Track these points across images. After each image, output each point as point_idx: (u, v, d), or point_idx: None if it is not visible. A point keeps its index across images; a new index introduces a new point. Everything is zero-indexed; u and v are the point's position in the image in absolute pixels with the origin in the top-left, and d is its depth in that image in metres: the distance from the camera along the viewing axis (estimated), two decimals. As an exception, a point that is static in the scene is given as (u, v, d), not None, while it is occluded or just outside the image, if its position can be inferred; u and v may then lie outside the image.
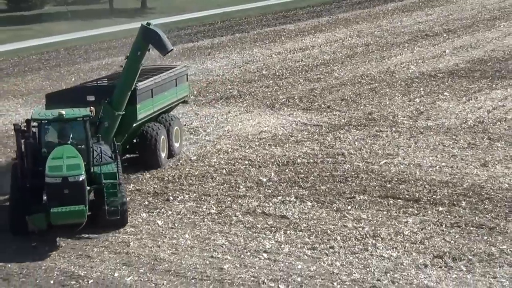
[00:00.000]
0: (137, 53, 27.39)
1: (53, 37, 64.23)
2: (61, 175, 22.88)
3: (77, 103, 26.80)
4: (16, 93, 45.49)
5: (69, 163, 23.23)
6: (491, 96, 39.89)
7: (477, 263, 21.81)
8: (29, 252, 23.17)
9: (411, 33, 58.97)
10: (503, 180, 27.99)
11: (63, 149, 23.88)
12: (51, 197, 23.02)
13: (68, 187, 22.90)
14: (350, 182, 28.51)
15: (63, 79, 47.74)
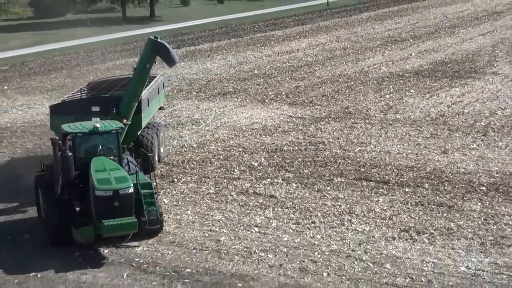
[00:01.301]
0: (146, 65, 24.73)
1: (74, 41, 64.05)
2: (112, 188, 20.38)
3: (81, 114, 25.21)
4: (42, 89, 45.40)
5: (116, 175, 20.90)
6: (451, 93, 39.94)
7: (438, 236, 21.86)
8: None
9: (382, 39, 58.97)
10: (461, 165, 28.05)
11: (102, 161, 21.67)
12: (100, 210, 20.46)
13: (118, 200, 20.41)
14: (329, 167, 28.54)
15: (82, 77, 47.61)
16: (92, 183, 20.60)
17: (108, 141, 22.41)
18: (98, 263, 20.40)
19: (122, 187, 20.48)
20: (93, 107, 26.09)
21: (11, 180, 27.62)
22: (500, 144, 30.67)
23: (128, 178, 21.05)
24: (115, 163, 21.77)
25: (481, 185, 25.90)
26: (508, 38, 56.42)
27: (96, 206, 20.57)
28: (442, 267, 19.95)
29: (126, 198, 20.55)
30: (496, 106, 36.68)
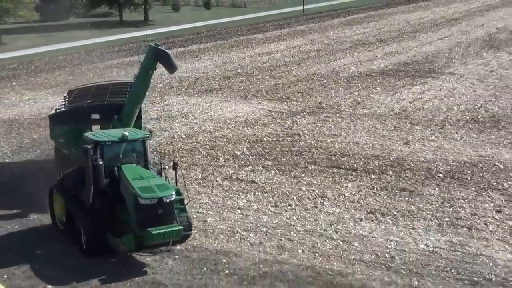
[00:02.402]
0: (147, 72, 22.70)
1: (76, 42, 63.64)
2: (156, 196, 18.44)
3: (81, 122, 23.21)
4: (47, 85, 45.12)
5: (156, 183, 19.06)
6: (412, 91, 40.05)
7: (400, 218, 21.96)
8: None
9: (351, 42, 59.04)
10: (421, 155, 28.16)
11: (135, 170, 19.78)
12: (144, 218, 18.48)
13: (162, 207, 18.55)
14: (304, 156, 28.56)
15: (83, 75, 47.36)
16: (133, 192, 18.60)
17: (135, 149, 20.39)
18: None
19: (166, 194, 18.64)
20: (93, 115, 23.67)
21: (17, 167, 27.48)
22: (456, 136, 30.81)
23: (169, 185, 19.37)
24: (149, 171, 20.01)
25: (439, 172, 26.02)
26: (463, 42, 56.64)
27: (139, 215, 18.52)
28: (404, 245, 20.05)
29: (168, 206, 18.74)
30: (452, 103, 36.83)
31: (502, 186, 24.50)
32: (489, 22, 67.89)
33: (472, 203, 23.02)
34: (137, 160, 20.28)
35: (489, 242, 20.15)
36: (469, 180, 25.18)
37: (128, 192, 18.92)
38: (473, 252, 19.48)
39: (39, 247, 20.39)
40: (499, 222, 21.51)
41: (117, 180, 19.59)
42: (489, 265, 18.77)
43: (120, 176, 19.53)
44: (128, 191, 18.92)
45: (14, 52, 59.78)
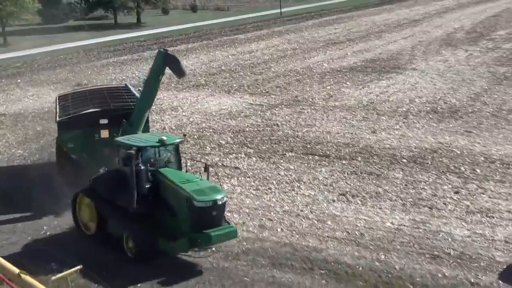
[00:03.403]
0: (157, 76, 21.01)
1: (75, 43, 63.10)
2: (211, 199, 17.08)
3: (89, 127, 21.71)
4: (49, 82, 44.69)
5: (207, 186, 17.65)
6: (379, 85, 40.12)
7: (369, 199, 22.03)
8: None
9: (324, 41, 59.01)
10: (386, 142, 28.24)
11: (178, 173, 18.47)
12: (199, 221, 17.06)
13: (216, 209, 17.26)
14: (282, 144, 28.54)
15: (82, 72, 47.07)
16: (187, 195, 17.05)
17: (171, 153, 19.02)
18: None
19: (220, 197, 17.34)
20: (101, 120, 21.93)
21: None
22: (418, 125, 30.92)
23: (220, 188, 18.14)
24: (192, 174, 18.71)
25: (403, 158, 26.10)
26: (424, 41, 56.79)
27: (194, 217, 17.07)
28: (372, 223, 20.12)
29: (221, 208, 17.50)
30: (415, 95, 36.93)
31: (459, 169, 24.63)
32: (447, 23, 68.09)
33: (432, 185, 23.13)
34: (172, 163, 18.87)
35: (448, 220, 20.27)
36: (429, 164, 25.29)
37: (179, 195, 17.35)
38: (433, 229, 19.59)
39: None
40: (456, 202, 21.64)
41: (156, 184, 17.97)
42: (448, 240, 18.89)
43: (161, 180, 17.98)
44: (179, 195, 17.35)
45: (18, 52, 59.14)
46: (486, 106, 34.01)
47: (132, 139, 18.91)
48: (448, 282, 16.54)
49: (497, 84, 39.08)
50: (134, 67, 48.46)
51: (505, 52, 49.59)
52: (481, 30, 61.28)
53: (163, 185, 17.93)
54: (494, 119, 31.43)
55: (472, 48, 51.59)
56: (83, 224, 19.56)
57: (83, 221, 19.54)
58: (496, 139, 28.37)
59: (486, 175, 23.99)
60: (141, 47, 59.39)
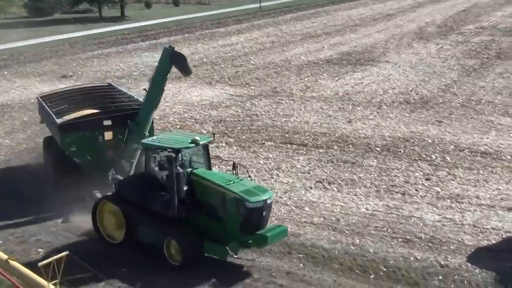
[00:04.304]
0: (164, 75, 19.82)
1: (60, 35, 62.37)
2: (262, 199, 15.99)
3: (93, 129, 20.19)
4: (35, 73, 44.18)
5: (252, 185, 16.66)
6: (354, 77, 40.23)
7: (344, 186, 22.14)
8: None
9: (302, 35, 58.98)
10: (361, 132, 28.36)
11: (216, 174, 17.67)
12: (249, 222, 15.97)
13: (266, 209, 16.23)
14: (261, 133, 28.56)
15: (67, 65, 46.60)
16: (237, 197, 15.91)
17: (202, 153, 17.75)
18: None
19: (269, 196, 16.35)
20: (105, 121, 20.40)
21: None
22: (391, 115, 31.08)
23: (265, 187, 17.49)
24: (230, 175, 17.26)
25: (377, 146, 26.24)
26: (397, 34, 56.98)
27: (245, 219, 15.93)
28: (347, 209, 20.25)
29: (270, 207, 16.54)
30: (388, 87, 37.10)
31: (430, 157, 24.83)
32: (419, 17, 68.35)
33: (405, 173, 23.30)
34: (202, 164, 17.62)
35: (420, 205, 20.45)
36: (402, 153, 25.46)
37: (225, 197, 16.16)
38: (406, 214, 19.75)
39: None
40: (428, 188, 21.83)
41: (191, 186, 16.65)
42: (419, 225, 19.07)
43: (198, 182, 16.72)
44: (225, 197, 16.15)
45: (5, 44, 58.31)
46: (456, 97, 34.26)
47: (162, 141, 17.50)
48: (419, 264, 16.72)
49: (466, 76, 39.37)
50: (118, 60, 48.08)
51: (474, 45, 49.94)
52: (451, 25, 61.61)
53: (201, 187, 16.64)
54: (463, 110, 31.69)
55: (443, 42, 51.87)
56: (108, 232, 17.96)
57: (106, 229, 17.98)
58: (465, 128, 28.63)
59: (456, 162, 24.21)
60: (125, 40, 58.88)
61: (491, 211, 19.92)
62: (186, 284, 15.89)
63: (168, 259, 16.65)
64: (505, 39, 52.42)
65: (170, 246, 16.59)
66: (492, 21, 63.06)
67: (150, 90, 20.06)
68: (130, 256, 17.20)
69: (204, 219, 16.61)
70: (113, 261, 17.06)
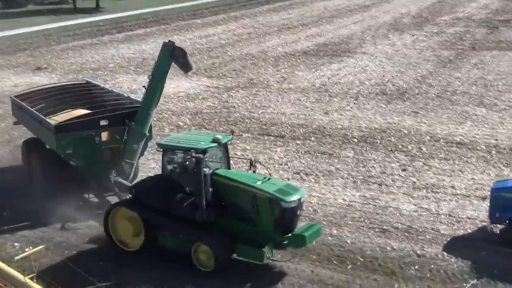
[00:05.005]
0: (165, 72, 19.09)
1: (35, 27, 61.49)
2: (297, 198, 15.50)
3: (89, 129, 19.19)
4: (9, 66, 43.57)
5: (283, 184, 16.25)
6: (331, 68, 40.33)
7: (322, 177, 22.24)
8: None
9: (278, 26, 58.92)
10: (338, 123, 28.48)
11: (243, 174, 16.75)
12: (284, 222, 15.41)
13: (299, 208, 15.79)
14: (239, 125, 28.55)
15: (41, 57, 46.02)
16: (271, 197, 15.20)
17: (222, 152, 16.91)
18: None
19: (302, 195, 15.91)
20: (101, 121, 19.41)
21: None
22: (367, 106, 31.25)
23: (296, 186, 17.04)
24: (256, 174, 16.66)
25: (353, 137, 26.39)
26: (373, 25, 57.19)
27: (281, 219, 15.32)
28: (325, 200, 20.35)
29: (302, 206, 16.12)
30: (364, 78, 37.26)
31: (406, 148, 25.03)
32: (394, 9, 68.64)
33: (381, 163, 23.46)
34: (223, 163, 16.84)
35: (396, 196, 20.63)
36: (379, 143, 25.63)
37: (257, 198, 15.40)
38: (382, 204, 19.91)
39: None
40: (404, 178, 22.02)
41: (215, 187, 15.77)
42: (396, 215, 19.24)
43: (223, 182, 15.89)
44: (257, 197, 15.40)
45: (-22, 36, 57.58)
46: (432, 88, 34.54)
47: (182, 141, 16.57)
48: (396, 254, 16.87)
49: (441, 67, 39.68)
50: (93, 51, 47.62)
51: (449, 36, 50.32)
52: (427, 16, 61.97)
53: (226, 188, 15.86)
54: (439, 100, 31.96)
55: (418, 33, 52.18)
56: (120, 240, 17.05)
57: (120, 237, 17.02)
58: (441, 119, 28.88)
59: (431, 153, 24.45)
60: (100, 31, 58.32)
61: (467, 200, 20.18)
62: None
63: (197, 265, 15.89)
64: (479, 30, 52.92)
65: (198, 251, 15.84)
66: (467, 12, 63.59)
67: (150, 88, 19.24)
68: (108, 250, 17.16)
69: (231, 221, 15.85)
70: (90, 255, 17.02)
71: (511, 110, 30.08)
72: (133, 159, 19.44)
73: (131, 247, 16.89)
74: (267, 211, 15.30)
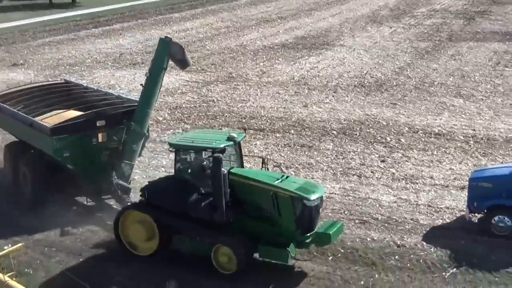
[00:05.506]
0: (163, 68, 18.40)
1: (10, 23, 60.84)
2: (319, 195, 15.28)
3: (86, 130, 18.42)
4: (-16, 62, 43.16)
5: (303, 182, 15.99)
6: (309, 61, 40.38)
7: (301, 169, 22.31)
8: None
9: (257, 19, 58.88)
10: (317, 116, 28.56)
11: (257, 172, 16.15)
12: (306, 220, 15.07)
13: (321, 206, 15.66)
14: (218, 119, 28.52)
15: (17, 52, 45.51)
16: (294, 195, 14.82)
17: (236, 151, 16.34)
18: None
19: (323, 191, 15.75)
20: (98, 121, 18.63)
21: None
22: (346, 99, 31.37)
23: (315, 182, 16.76)
24: (272, 172, 16.47)
25: (333, 130, 26.49)
26: (351, 18, 57.38)
27: (304, 218, 15.01)
28: (305, 192, 20.34)
29: (322, 204, 15.84)
30: (343, 70, 37.38)
31: (385, 139, 25.18)
32: (372, 1, 68.81)
33: (361, 155, 23.59)
34: (235, 162, 16.30)
35: (375, 187, 20.77)
36: (358, 135, 25.76)
37: (278, 196, 14.99)
38: (362, 196, 20.04)
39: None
40: (383, 170, 22.17)
41: (231, 187, 15.15)
42: (375, 206, 19.37)
43: (239, 182, 15.41)
44: (278, 196, 14.99)
45: (-48, 32, 56.79)
46: (410, 79, 34.76)
47: (196, 141, 15.94)
48: (376, 245, 17.00)
49: (419, 58, 39.95)
50: (70, 47, 47.21)
51: (426, 28, 50.65)
52: (404, 8, 62.31)
53: (243, 187, 15.39)
54: (417, 92, 32.19)
55: (396, 25, 52.46)
56: (131, 244, 16.41)
57: (131, 242, 16.37)
58: (419, 110, 29.10)
59: (410, 144, 24.63)
60: (77, 26, 57.80)
61: (445, 190, 20.37)
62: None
63: (218, 268, 15.41)
64: (456, 21, 53.33)
65: (218, 253, 15.34)
66: (444, 3, 64.01)
67: (147, 85, 18.52)
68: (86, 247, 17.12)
69: (250, 221, 15.45)
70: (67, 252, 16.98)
71: (488, 100, 30.40)
72: (133, 160, 18.85)
73: (144, 251, 16.29)
74: (289, 210, 14.92)
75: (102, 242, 17.42)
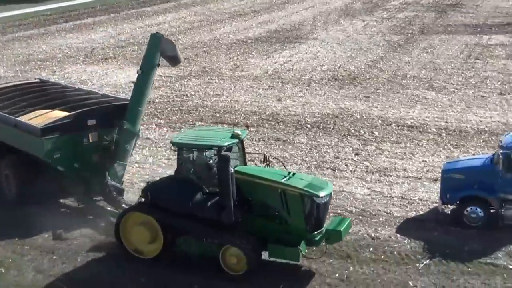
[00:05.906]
0: (154, 65, 18.19)
1: (-22, 18, 60.02)
2: (329, 192, 15.06)
3: (76, 130, 17.85)
4: (-47, 58, 42.44)
5: (310, 179, 15.60)
6: (283, 55, 40.44)
7: (276, 164, 22.28)
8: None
9: (230, 13, 58.75)
10: (291, 109, 28.64)
11: (263, 170, 15.89)
12: (316, 218, 14.87)
13: (329, 203, 15.38)
14: (192, 114, 28.46)
15: (-13, 47, 44.98)
16: (303, 193, 14.53)
17: (239, 148, 15.88)
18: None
19: (331, 189, 15.44)
20: (89, 121, 18.07)
21: None
22: (320, 92, 31.49)
23: (323, 179, 16.56)
24: (278, 169, 16.32)
25: (307, 123, 26.58)
26: (324, 11, 57.55)
27: (314, 215, 14.77)
28: (280, 186, 20.38)
29: (330, 200, 15.59)
30: (317, 64, 37.50)
31: (359, 132, 25.34)
32: (345, -6, 69.15)
33: (335, 148, 23.72)
34: (239, 159, 15.84)
35: (350, 180, 20.90)
36: (332, 129, 25.89)
37: (287, 194, 14.68)
38: (336, 189, 20.12)
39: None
40: (357, 163, 22.32)
41: (236, 186, 14.61)
42: (350, 199, 19.51)
43: (245, 180, 14.98)
44: (287, 194, 14.67)
45: None
46: (383, 72, 35.00)
47: (200, 139, 15.39)
48: (351, 237, 17.10)
49: (392, 51, 40.23)
50: (41, 42, 46.67)
51: (399, 21, 51.02)
52: (377, 1, 62.65)
53: (250, 186, 15.03)
54: (390, 85, 32.42)
55: (369, 18, 52.75)
56: (133, 248, 15.95)
57: (134, 244, 15.91)
58: (392, 103, 29.32)
59: (383, 136, 24.82)
60: (47, 21, 57.12)
61: (418, 182, 20.58)
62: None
63: (226, 269, 15.07)
64: (428, 14, 53.80)
65: (227, 254, 15.00)
66: (415, -3, 64.51)
67: (139, 83, 18.21)
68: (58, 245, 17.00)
69: (258, 220, 15.13)
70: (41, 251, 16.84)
71: (459, 93, 30.74)
72: (125, 160, 18.41)
73: (147, 254, 15.81)
74: (299, 208, 14.64)
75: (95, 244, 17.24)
